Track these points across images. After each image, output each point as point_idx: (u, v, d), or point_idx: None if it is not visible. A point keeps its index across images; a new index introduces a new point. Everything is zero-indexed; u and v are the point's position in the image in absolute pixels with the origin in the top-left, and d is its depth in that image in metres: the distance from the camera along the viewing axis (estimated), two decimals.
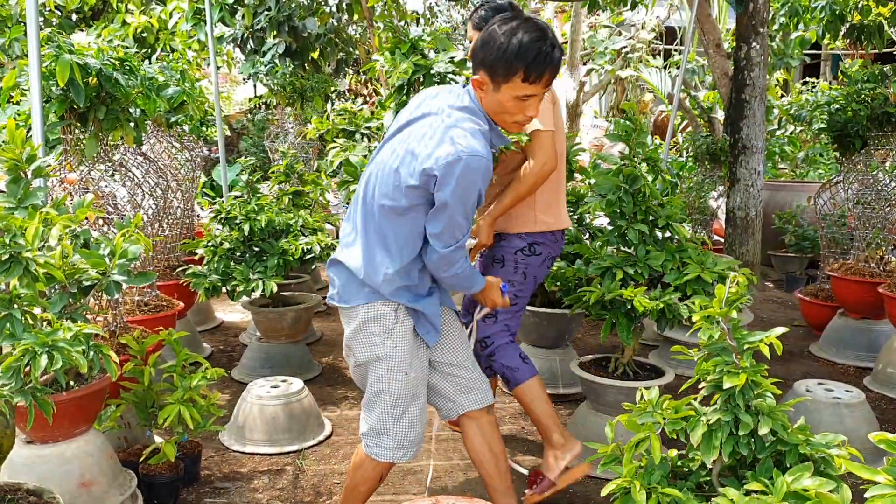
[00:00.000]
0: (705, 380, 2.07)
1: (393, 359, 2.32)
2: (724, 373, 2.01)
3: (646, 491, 2.05)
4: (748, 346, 2.04)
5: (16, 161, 2.52)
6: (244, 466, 3.34)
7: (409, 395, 2.36)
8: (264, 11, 6.19)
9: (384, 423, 2.37)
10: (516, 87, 2.13)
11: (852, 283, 4.73)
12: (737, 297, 2.08)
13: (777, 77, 10.20)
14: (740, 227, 6.01)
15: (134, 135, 3.50)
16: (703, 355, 2.10)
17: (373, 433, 2.39)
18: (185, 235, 5.14)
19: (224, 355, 4.90)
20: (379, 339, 2.32)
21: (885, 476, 1.53)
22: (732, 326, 2.08)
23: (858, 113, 4.79)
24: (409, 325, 2.35)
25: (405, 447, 2.39)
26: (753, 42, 5.84)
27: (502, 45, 2.11)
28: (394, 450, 2.38)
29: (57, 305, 2.43)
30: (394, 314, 2.31)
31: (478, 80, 2.19)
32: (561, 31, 11.95)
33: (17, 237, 2.16)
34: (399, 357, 2.32)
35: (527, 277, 3.02)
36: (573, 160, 4.22)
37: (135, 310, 4.01)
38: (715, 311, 2.06)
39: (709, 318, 2.08)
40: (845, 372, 4.57)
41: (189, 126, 5.26)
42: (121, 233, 2.61)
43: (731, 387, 2.00)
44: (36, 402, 2.09)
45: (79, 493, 2.58)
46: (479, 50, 2.18)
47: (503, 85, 2.14)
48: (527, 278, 3.02)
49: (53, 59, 3.04)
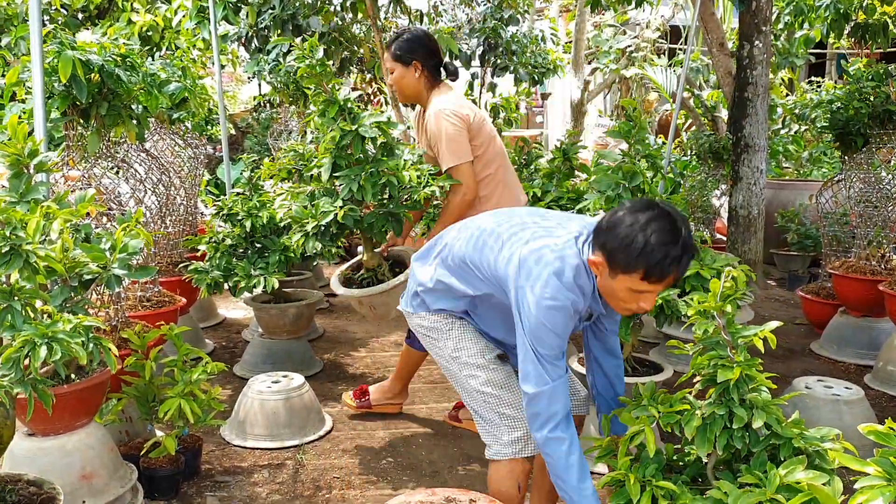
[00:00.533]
0: (700, 374, 2.08)
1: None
2: (718, 367, 2.02)
3: (640, 483, 2.07)
4: (742, 339, 2.05)
5: (18, 156, 2.54)
6: (244, 461, 3.36)
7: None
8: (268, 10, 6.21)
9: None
10: (634, 282, 1.95)
11: (853, 281, 4.73)
12: (732, 292, 2.09)
13: (782, 76, 10.18)
14: (742, 226, 6.01)
15: (136, 131, 3.52)
16: (698, 350, 2.11)
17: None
18: (187, 232, 5.16)
19: (226, 351, 4.92)
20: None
21: (874, 467, 1.54)
22: (727, 321, 2.09)
23: (860, 111, 4.78)
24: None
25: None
26: (756, 40, 5.84)
27: (627, 239, 1.92)
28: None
29: (58, 298, 2.45)
30: None
31: (594, 260, 2.01)
32: (566, 31, 11.96)
33: (18, 230, 2.18)
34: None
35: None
36: (573, 157, 4.24)
37: (137, 305, 4.04)
38: (710, 306, 2.07)
39: (704, 313, 2.08)
40: (846, 369, 4.57)
41: (191, 123, 5.28)
42: (121, 227, 2.63)
43: (726, 380, 2.01)
44: (36, 392, 2.11)
45: (80, 485, 2.60)
46: (601, 232, 2.00)
47: (620, 275, 1.96)
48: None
49: (56, 55, 3.06)
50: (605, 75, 10.58)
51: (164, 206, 4.74)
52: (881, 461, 1.55)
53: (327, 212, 3.20)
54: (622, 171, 3.21)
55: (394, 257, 3.67)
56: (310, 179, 3.39)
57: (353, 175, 3.18)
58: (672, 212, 1.95)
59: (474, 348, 2.37)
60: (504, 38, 7.11)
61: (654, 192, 3.26)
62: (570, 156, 4.38)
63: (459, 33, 7.33)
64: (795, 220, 6.97)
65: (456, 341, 2.40)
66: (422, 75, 3.38)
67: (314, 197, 3.34)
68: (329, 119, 3.23)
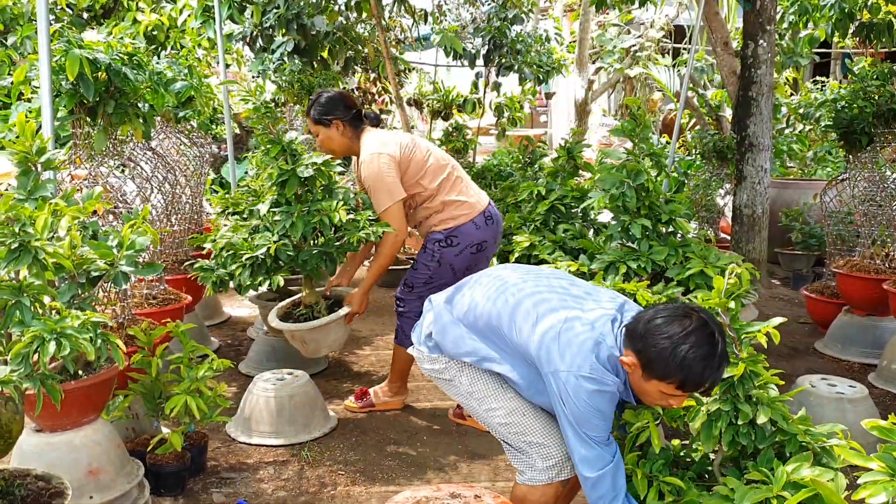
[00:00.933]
0: None
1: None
2: None
3: (647, 479, 2.07)
4: (746, 336, 2.06)
5: (26, 154, 2.56)
6: (250, 457, 3.38)
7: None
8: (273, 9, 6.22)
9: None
10: (668, 389, 1.92)
11: (857, 280, 4.73)
12: (736, 289, 2.10)
13: (787, 76, 10.17)
14: (747, 225, 6.00)
15: (142, 129, 3.54)
16: None
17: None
18: (193, 230, 5.18)
19: (232, 349, 4.93)
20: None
21: (878, 463, 1.55)
22: (731, 317, 2.10)
23: (864, 110, 4.78)
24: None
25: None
26: (761, 40, 5.83)
27: (665, 351, 1.88)
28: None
29: (65, 295, 2.47)
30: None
31: (627, 361, 1.97)
32: (570, 30, 11.96)
33: (27, 226, 2.20)
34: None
35: (441, 265, 3.57)
36: (578, 156, 4.26)
37: (143, 303, 4.06)
38: (714, 303, 2.08)
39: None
40: (850, 368, 4.57)
41: (197, 122, 5.30)
42: (128, 224, 2.65)
43: (730, 376, 2.02)
44: (44, 388, 2.13)
45: (87, 480, 2.62)
46: (637, 337, 1.95)
47: (654, 381, 1.93)
48: (441, 265, 3.57)
49: (63, 53, 3.08)
50: (610, 75, 10.58)
51: (170, 204, 4.76)
52: (884, 457, 1.55)
53: (261, 245, 3.36)
54: (626, 170, 3.21)
55: (335, 297, 3.80)
56: (254, 215, 3.56)
57: (288, 212, 3.36)
58: (709, 321, 1.92)
59: (491, 383, 2.31)
60: (508, 38, 7.12)
61: (659, 190, 3.27)
62: (574, 154, 4.39)
63: (464, 32, 7.34)
64: (800, 220, 6.96)
65: (470, 378, 2.33)
66: (345, 130, 3.56)
67: (257, 231, 3.48)
68: (270, 158, 3.42)
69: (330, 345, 3.57)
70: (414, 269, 3.68)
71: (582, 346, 2.01)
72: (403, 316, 3.73)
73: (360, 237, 3.36)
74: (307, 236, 3.39)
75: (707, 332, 1.89)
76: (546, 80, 7.92)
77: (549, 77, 7.82)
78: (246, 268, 3.42)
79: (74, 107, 3.26)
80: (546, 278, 2.28)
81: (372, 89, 8.42)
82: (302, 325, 3.53)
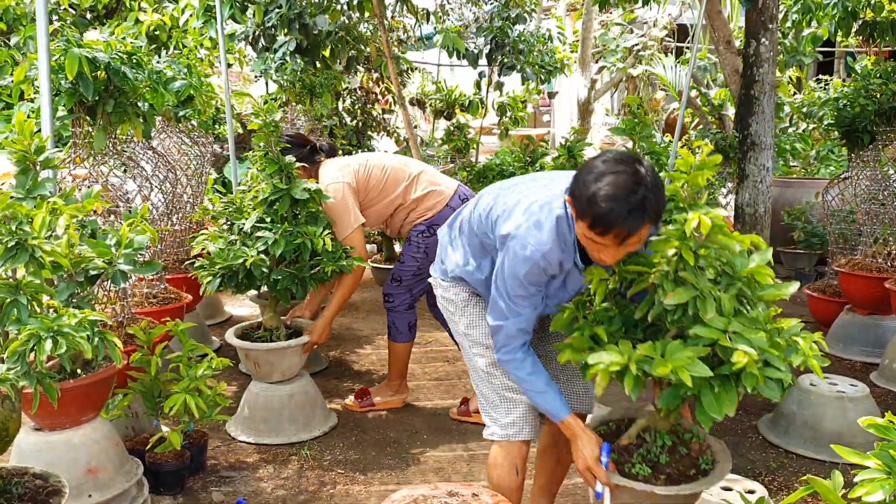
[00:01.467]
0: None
1: None
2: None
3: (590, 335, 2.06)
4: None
5: (24, 152, 2.57)
6: (250, 456, 3.38)
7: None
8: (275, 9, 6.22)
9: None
10: (585, 230, 1.95)
11: (859, 279, 4.72)
12: None
13: (790, 75, 10.14)
14: (749, 224, 5.98)
15: (142, 128, 3.54)
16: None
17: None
18: (194, 230, 5.18)
19: (232, 348, 4.91)
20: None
21: (874, 461, 1.53)
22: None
23: (866, 108, 4.76)
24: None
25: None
26: (763, 38, 5.81)
27: (584, 184, 1.91)
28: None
29: (63, 293, 2.47)
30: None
31: (568, 201, 2.02)
32: (573, 29, 11.94)
33: (24, 225, 2.20)
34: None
35: (428, 254, 3.61)
36: (578, 155, 4.25)
37: (143, 302, 4.06)
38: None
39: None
40: (852, 367, 4.55)
41: (197, 121, 5.30)
42: (127, 223, 2.65)
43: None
44: (41, 386, 2.13)
45: (85, 479, 2.62)
46: (577, 173, 2.00)
47: (578, 221, 1.97)
48: (428, 255, 3.61)
49: (62, 52, 3.08)
50: (612, 74, 10.56)
51: (171, 203, 4.76)
52: (881, 454, 1.54)
53: (237, 256, 3.38)
54: None
55: (295, 327, 3.81)
56: (237, 230, 3.57)
57: (272, 229, 3.40)
58: (645, 172, 1.89)
59: (487, 329, 2.38)
60: (511, 37, 7.10)
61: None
62: (575, 153, 4.38)
63: (466, 32, 7.33)
64: (802, 218, 6.94)
65: (469, 318, 2.45)
66: (301, 168, 3.61)
67: (233, 245, 3.50)
68: (266, 175, 3.47)
69: (283, 371, 3.54)
70: (401, 263, 3.73)
71: (530, 217, 2.12)
72: (394, 311, 3.80)
73: (334, 268, 3.41)
74: (286, 256, 3.42)
75: (633, 178, 1.87)
76: (549, 80, 7.91)
77: (552, 77, 7.81)
78: (216, 277, 3.43)
79: (74, 106, 3.26)
80: (515, 181, 2.39)
81: (375, 89, 8.42)
82: (259, 345, 3.53)
